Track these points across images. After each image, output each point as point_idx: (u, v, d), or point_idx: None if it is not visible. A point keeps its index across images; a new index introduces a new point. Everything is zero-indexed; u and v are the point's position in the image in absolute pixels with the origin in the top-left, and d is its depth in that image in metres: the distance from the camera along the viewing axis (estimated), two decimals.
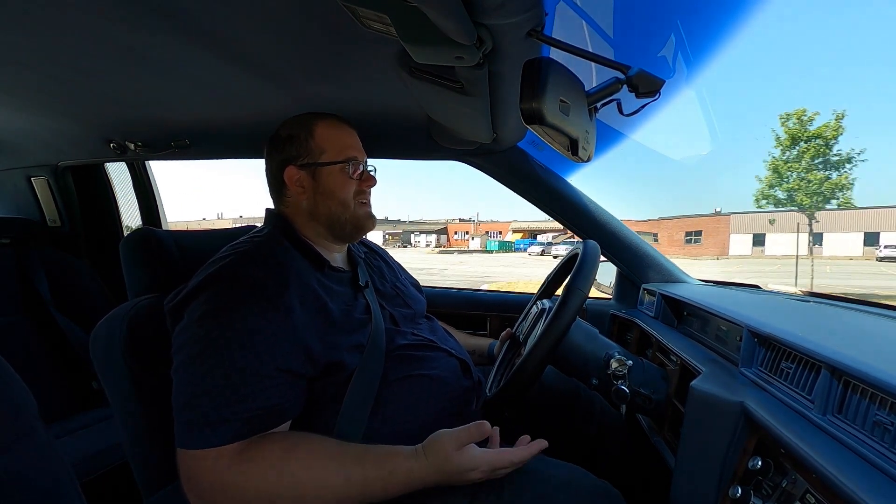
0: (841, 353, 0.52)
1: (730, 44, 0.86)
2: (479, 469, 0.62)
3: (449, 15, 0.52)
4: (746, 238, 29.51)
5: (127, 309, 0.74)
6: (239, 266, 0.67)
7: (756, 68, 64.85)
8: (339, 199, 0.81)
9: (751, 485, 0.56)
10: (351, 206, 0.82)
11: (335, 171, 0.81)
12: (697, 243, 31.75)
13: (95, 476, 1.11)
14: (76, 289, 1.58)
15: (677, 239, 33.63)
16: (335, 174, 0.81)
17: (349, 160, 0.82)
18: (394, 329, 0.81)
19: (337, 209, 0.81)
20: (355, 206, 0.83)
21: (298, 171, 0.81)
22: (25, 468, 0.45)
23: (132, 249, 0.82)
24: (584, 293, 0.78)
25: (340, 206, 0.81)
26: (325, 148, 0.81)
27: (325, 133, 0.82)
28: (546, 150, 1.23)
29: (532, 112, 0.57)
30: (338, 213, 0.81)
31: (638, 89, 0.60)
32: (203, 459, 0.58)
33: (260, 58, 0.81)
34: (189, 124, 1.26)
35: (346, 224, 0.82)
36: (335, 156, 0.81)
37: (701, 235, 31.78)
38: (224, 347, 0.60)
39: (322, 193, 0.81)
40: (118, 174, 1.85)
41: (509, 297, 1.59)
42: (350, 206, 0.82)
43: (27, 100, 1.08)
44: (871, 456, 0.43)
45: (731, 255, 30.32)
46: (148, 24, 0.69)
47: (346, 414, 0.68)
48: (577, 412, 0.97)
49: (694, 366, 0.77)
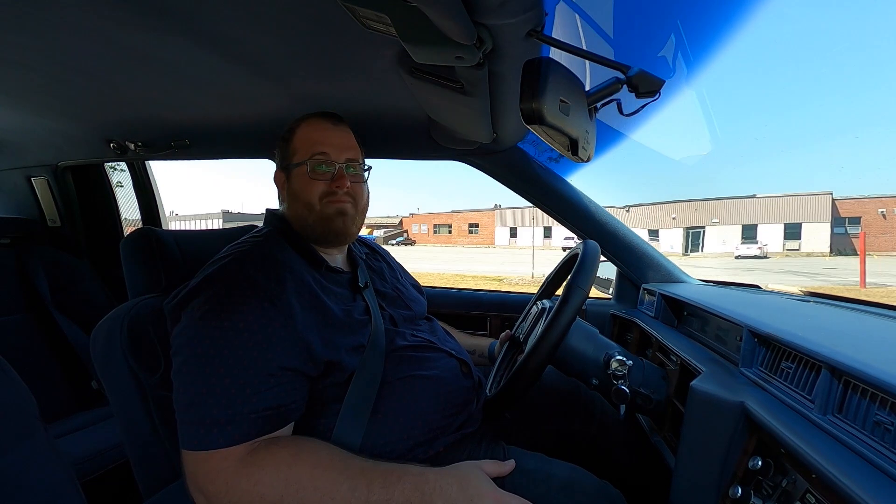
0: (841, 353, 0.52)
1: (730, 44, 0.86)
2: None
3: (449, 15, 0.52)
4: (505, 230, 36.41)
5: (127, 309, 0.74)
6: (238, 266, 0.67)
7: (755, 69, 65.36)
8: (303, 200, 0.78)
9: (751, 485, 0.56)
10: (316, 207, 0.78)
11: (301, 173, 0.79)
12: (475, 234, 38.32)
13: (95, 476, 1.11)
14: (76, 289, 1.58)
15: (464, 230, 40.03)
16: (301, 176, 0.79)
17: (315, 155, 0.78)
18: (393, 330, 0.81)
19: (302, 211, 0.79)
20: (322, 207, 0.78)
21: (281, 173, 0.82)
22: (25, 468, 0.45)
23: (132, 249, 0.82)
24: (584, 293, 0.78)
25: (305, 209, 0.79)
26: (298, 149, 0.80)
27: (302, 134, 0.81)
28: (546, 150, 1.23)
29: (532, 112, 0.57)
30: (304, 215, 0.79)
31: (638, 89, 0.60)
32: (209, 461, 0.57)
33: (260, 58, 0.81)
34: (189, 124, 1.26)
35: (315, 226, 0.79)
36: (303, 156, 0.79)
37: (478, 227, 38.12)
38: (226, 347, 0.60)
39: (292, 196, 0.81)
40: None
41: (509, 297, 1.59)
42: (315, 207, 0.78)
43: (27, 100, 1.08)
44: (871, 456, 0.43)
45: (496, 245, 36.36)
46: (148, 24, 0.69)
47: (347, 414, 0.68)
48: (577, 412, 0.97)
49: (694, 366, 0.77)
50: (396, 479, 0.59)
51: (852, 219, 26.37)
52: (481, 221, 38.75)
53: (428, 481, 0.60)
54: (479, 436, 0.82)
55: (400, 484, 0.58)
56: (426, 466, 0.65)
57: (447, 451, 0.76)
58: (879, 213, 26.27)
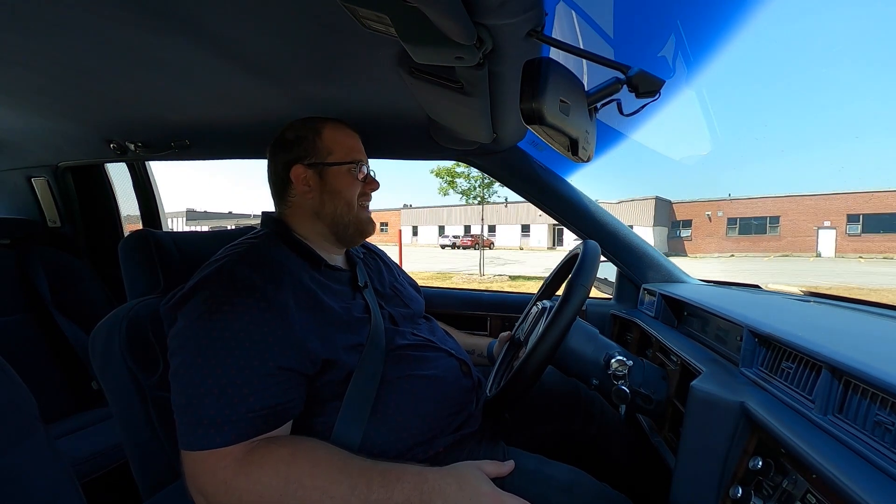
0: (841, 353, 0.52)
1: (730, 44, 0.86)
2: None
3: (449, 15, 0.52)
4: (409, 228, 39.43)
5: (126, 310, 0.75)
6: (234, 267, 0.67)
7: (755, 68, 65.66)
8: (345, 199, 0.83)
9: (751, 485, 0.55)
10: (355, 207, 0.84)
11: (342, 172, 0.83)
12: (385, 232, 40.86)
13: (95, 476, 1.11)
14: (76, 289, 1.58)
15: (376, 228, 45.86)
16: (342, 174, 0.83)
17: (356, 162, 0.84)
18: (393, 329, 0.81)
19: (342, 209, 0.83)
20: (358, 209, 0.84)
21: (306, 169, 0.82)
22: (25, 468, 0.45)
23: (131, 250, 0.82)
24: (584, 293, 0.78)
25: (346, 207, 0.83)
26: (333, 149, 0.82)
27: (332, 135, 0.83)
28: (546, 150, 1.23)
29: (532, 112, 0.57)
30: (342, 213, 0.83)
31: (638, 89, 0.60)
32: (207, 461, 0.57)
33: (260, 58, 0.81)
34: (189, 124, 1.25)
35: (349, 225, 0.83)
36: (342, 157, 0.83)
37: (387, 226, 41.38)
38: (222, 348, 0.60)
39: (329, 193, 0.82)
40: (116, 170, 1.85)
41: (509, 297, 1.58)
42: (354, 206, 0.84)
43: (27, 100, 1.08)
44: (871, 456, 0.43)
45: (404, 243, 38.83)
46: (148, 24, 0.69)
47: (346, 413, 0.68)
48: (577, 413, 0.97)
49: (694, 366, 0.77)
50: (396, 478, 0.59)
51: (685, 222, 27.98)
52: (390, 220, 41.04)
53: (427, 480, 0.60)
54: (479, 436, 0.82)
55: (399, 483, 0.58)
56: (425, 466, 0.65)
57: (447, 451, 0.76)
58: (706, 215, 27.71)
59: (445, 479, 0.61)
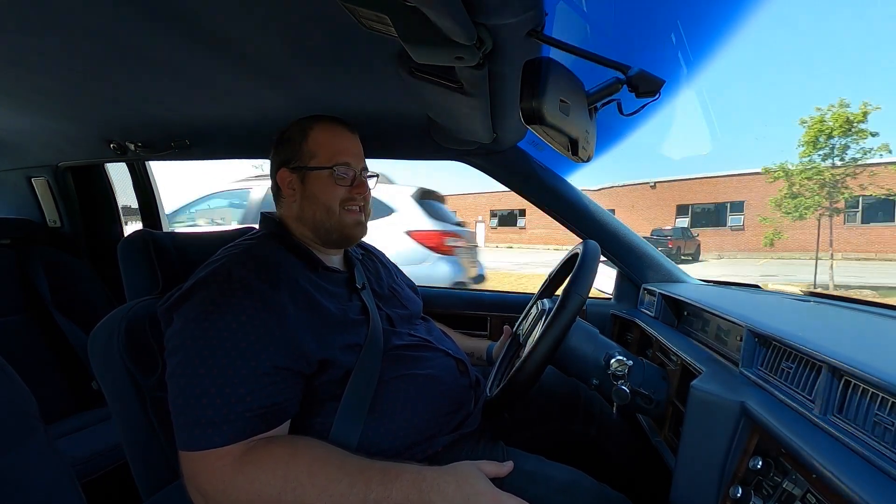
0: (841, 353, 0.51)
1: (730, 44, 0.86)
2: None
3: (449, 15, 0.52)
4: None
5: (125, 310, 0.75)
6: (231, 268, 0.67)
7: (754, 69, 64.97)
8: (324, 205, 0.80)
9: (751, 485, 0.55)
10: (336, 212, 0.81)
11: (322, 177, 0.80)
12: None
13: (95, 476, 1.11)
14: (76, 289, 1.58)
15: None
16: (322, 179, 0.80)
17: (338, 165, 0.80)
18: (390, 329, 0.81)
19: (321, 215, 0.81)
20: (341, 213, 0.81)
21: (290, 173, 0.81)
22: (25, 468, 0.45)
23: (130, 251, 0.82)
24: (583, 294, 0.78)
25: (325, 213, 0.80)
26: (316, 152, 0.81)
27: (319, 137, 0.82)
28: (546, 150, 1.23)
29: (532, 112, 0.57)
30: (322, 219, 0.81)
31: (638, 89, 0.60)
32: (206, 461, 0.57)
33: (260, 58, 0.81)
34: (189, 124, 1.26)
35: (331, 231, 0.82)
36: (324, 161, 0.80)
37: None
38: (219, 347, 0.60)
39: (307, 198, 0.81)
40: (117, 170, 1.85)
41: (509, 297, 1.58)
42: (335, 212, 0.81)
43: (27, 100, 1.08)
44: (871, 456, 0.43)
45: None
46: (148, 24, 0.69)
47: (344, 413, 0.68)
48: (577, 413, 0.97)
49: (694, 366, 0.77)
50: (394, 476, 0.59)
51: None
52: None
53: (426, 479, 0.60)
54: (478, 436, 0.82)
55: (398, 482, 0.59)
56: (424, 465, 0.65)
57: (445, 450, 0.76)
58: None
59: (444, 477, 0.61)
